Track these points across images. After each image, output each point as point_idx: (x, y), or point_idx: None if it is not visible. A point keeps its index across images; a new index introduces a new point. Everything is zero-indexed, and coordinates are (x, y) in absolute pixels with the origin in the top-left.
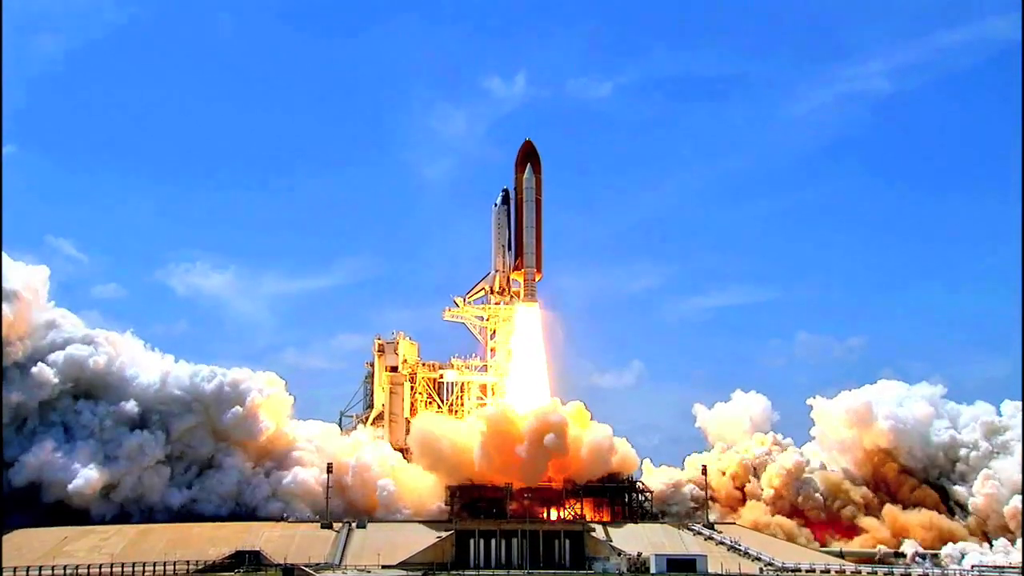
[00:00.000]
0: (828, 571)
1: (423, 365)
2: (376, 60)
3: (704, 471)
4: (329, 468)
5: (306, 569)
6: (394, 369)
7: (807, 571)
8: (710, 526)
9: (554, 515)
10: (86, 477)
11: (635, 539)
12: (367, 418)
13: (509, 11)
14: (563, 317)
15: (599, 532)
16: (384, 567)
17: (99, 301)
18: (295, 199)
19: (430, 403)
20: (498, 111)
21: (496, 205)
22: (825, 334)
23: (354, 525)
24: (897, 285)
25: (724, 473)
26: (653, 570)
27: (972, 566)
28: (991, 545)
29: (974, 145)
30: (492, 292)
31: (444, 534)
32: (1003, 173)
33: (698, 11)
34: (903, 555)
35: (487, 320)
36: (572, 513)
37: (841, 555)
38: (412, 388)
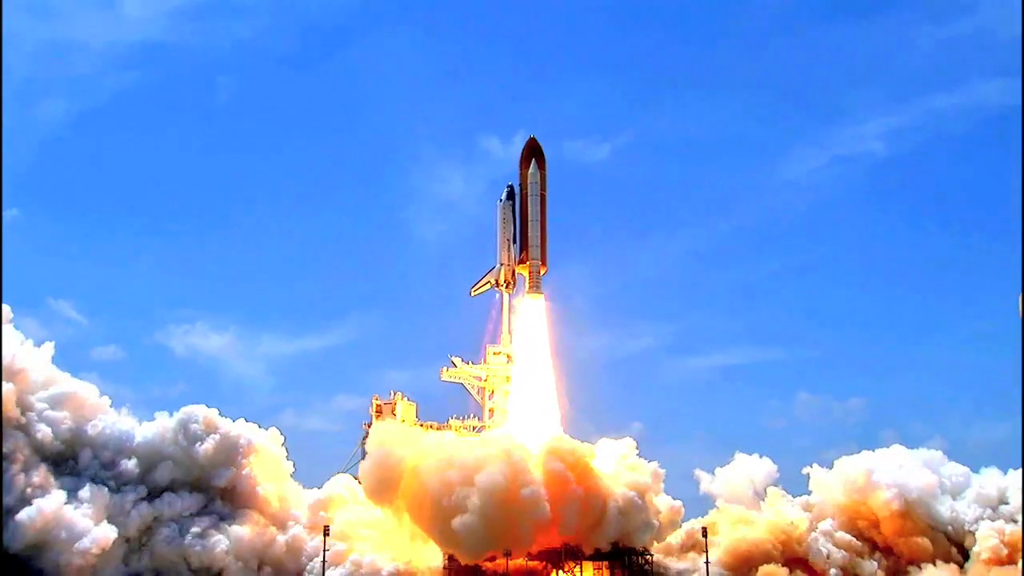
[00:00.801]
0: None
1: (421, 426)
2: (374, 119)
3: (704, 533)
4: (326, 531)
5: None
6: None
7: None
8: None
9: None
10: (93, 538)
11: None
12: None
13: (509, 73)
14: (569, 310)
15: None
16: None
17: (98, 363)
18: (294, 259)
19: None
20: (497, 172)
21: (501, 201)
22: (825, 394)
23: None
24: (897, 344)
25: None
26: None
27: None
28: None
29: (971, 206)
30: (498, 285)
31: None
32: (1001, 234)
33: (694, 73)
34: None
35: (485, 380)
36: None
37: None
38: None
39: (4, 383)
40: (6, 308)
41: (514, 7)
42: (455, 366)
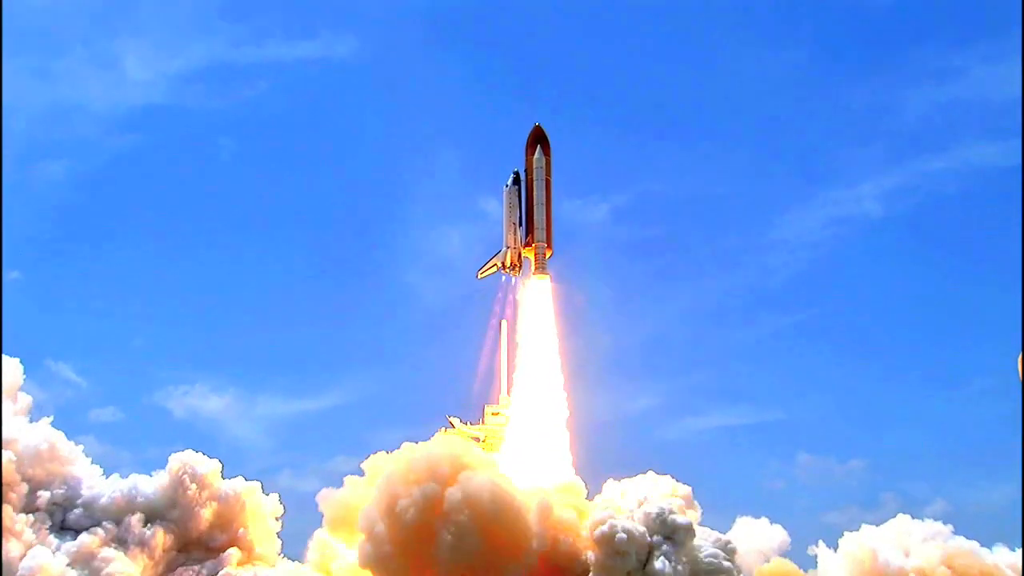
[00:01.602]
0: None
1: None
2: (374, 179)
3: None
4: None
5: None
6: None
7: None
8: None
9: None
10: None
11: None
12: None
13: (509, 133)
14: (576, 291)
15: None
16: None
17: (96, 425)
18: (292, 320)
19: None
20: (494, 232)
21: (507, 186)
22: (826, 455)
23: None
24: (896, 406)
25: None
26: None
27: None
28: None
29: (968, 267)
30: (504, 267)
31: None
32: (998, 293)
33: (690, 133)
34: None
35: (484, 441)
36: None
37: None
38: None
39: (4, 451)
40: (18, 368)
41: (512, 68)
42: (453, 427)
